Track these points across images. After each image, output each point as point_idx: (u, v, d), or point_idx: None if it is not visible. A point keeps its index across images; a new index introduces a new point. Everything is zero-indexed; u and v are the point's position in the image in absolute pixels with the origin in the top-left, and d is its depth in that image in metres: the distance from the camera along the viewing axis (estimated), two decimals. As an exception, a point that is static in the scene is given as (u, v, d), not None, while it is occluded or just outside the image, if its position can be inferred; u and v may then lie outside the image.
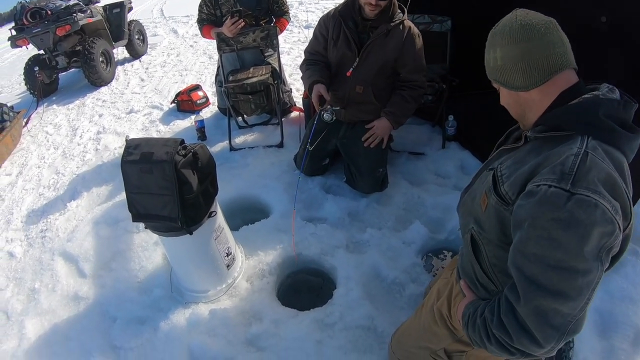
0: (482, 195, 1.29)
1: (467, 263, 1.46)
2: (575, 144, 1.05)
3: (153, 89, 6.18)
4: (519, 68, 1.17)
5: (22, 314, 2.75)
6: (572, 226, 0.97)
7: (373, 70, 2.84)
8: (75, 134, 5.23)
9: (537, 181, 1.04)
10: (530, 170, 1.10)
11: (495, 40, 1.23)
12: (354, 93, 2.91)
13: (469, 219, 1.39)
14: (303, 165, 3.09)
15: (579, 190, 0.97)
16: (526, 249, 1.04)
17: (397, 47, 2.80)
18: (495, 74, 1.26)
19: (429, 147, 3.66)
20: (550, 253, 1.00)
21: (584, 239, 0.97)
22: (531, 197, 1.04)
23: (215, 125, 4.53)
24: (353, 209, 3.12)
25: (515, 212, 1.09)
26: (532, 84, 1.17)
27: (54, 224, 3.52)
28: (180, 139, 2.14)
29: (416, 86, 2.91)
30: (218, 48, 3.84)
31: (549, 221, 0.99)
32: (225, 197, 3.13)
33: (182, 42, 8.41)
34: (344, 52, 2.85)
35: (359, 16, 2.78)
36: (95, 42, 6.75)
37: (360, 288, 2.50)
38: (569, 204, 0.97)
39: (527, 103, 1.23)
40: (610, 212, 0.97)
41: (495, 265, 1.30)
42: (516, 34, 1.16)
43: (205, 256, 2.43)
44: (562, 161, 1.03)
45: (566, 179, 0.99)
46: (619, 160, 1.06)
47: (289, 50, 6.50)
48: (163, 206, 2.10)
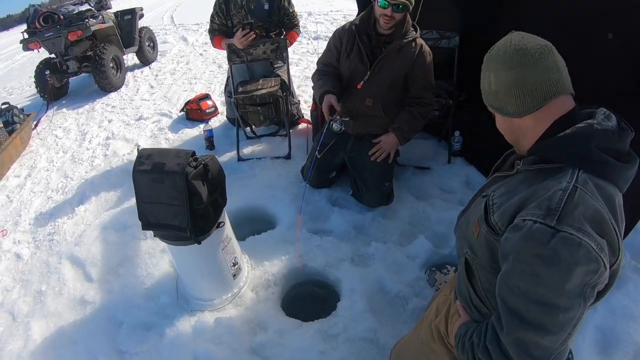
0: (474, 223, 1.29)
1: (462, 285, 1.46)
2: (565, 178, 1.04)
3: (162, 97, 6.23)
4: (513, 94, 1.16)
5: (28, 316, 2.78)
6: (554, 263, 0.97)
7: (384, 84, 2.88)
8: (84, 139, 5.29)
9: (524, 215, 1.04)
10: (519, 203, 1.10)
11: (490, 65, 1.21)
12: (363, 106, 2.95)
13: (464, 243, 1.39)
14: (310, 174, 3.12)
15: (563, 227, 0.97)
16: (510, 281, 1.05)
17: (409, 64, 2.85)
18: (489, 98, 1.25)
19: (435, 162, 3.68)
20: (532, 288, 1.00)
21: (566, 277, 0.97)
22: (517, 231, 1.04)
23: (224, 134, 4.57)
24: (359, 222, 3.15)
25: (502, 244, 1.09)
26: (526, 111, 1.15)
27: (62, 228, 3.56)
28: (191, 151, 2.17)
29: (425, 103, 2.95)
30: (228, 59, 3.88)
31: (533, 257, 0.99)
32: (233, 207, 3.16)
33: (192, 50, 8.46)
34: (356, 65, 2.90)
35: (373, 31, 2.83)
36: (106, 47, 6.83)
37: (364, 301, 2.52)
38: (553, 241, 0.96)
39: (521, 129, 1.21)
40: (594, 250, 0.96)
41: (488, 290, 1.30)
42: (510, 59, 1.14)
43: (212, 265, 2.46)
44: (550, 196, 1.02)
45: (552, 215, 0.98)
46: (610, 194, 1.05)
47: (298, 62, 6.54)
48: (173, 216, 2.13)
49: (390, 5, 2.64)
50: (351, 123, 3.01)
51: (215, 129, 4.53)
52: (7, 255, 3.39)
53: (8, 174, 4.75)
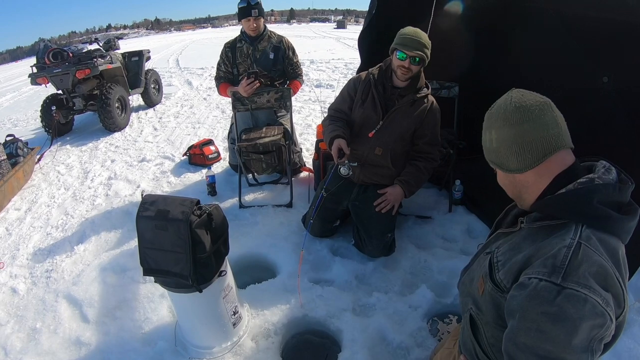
0: (479, 279, 1.30)
1: (467, 339, 1.46)
2: (568, 235, 1.06)
3: (166, 139, 6.30)
4: (513, 150, 1.18)
5: (21, 352, 2.71)
6: (560, 320, 0.97)
7: (394, 135, 2.95)
8: (86, 177, 5.30)
9: (530, 273, 1.05)
10: (523, 261, 1.11)
11: (491, 123, 1.24)
12: (372, 155, 3.00)
13: (468, 300, 1.40)
14: (315, 212, 3.11)
15: (569, 284, 0.98)
16: (517, 338, 1.05)
17: (419, 118, 2.94)
18: (491, 155, 1.27)
19: (436, 210, 3.70)
20: (539, 344, 1.01)
21: (572, 333, 0.97)
22: (523, 289, 1.05)
23: (226, 180, 4.60)
24: (360, 272, 3.13)
25: (508, 302, 1.11)
26: (526, 167, 1.18)
27: (60, 265, 3.53)
28: (196, 200, 2.19)
29: (431, 159, 3.03)
30: (233, 107, 3.95)
31: (539, 314, 1.00)
32: (234, 254, 3.12)
33: (196, 95, 8.59)
34: (369, 113, 2.97)
35: (390, 83, 2.94)
36: (113, 87, 6.94)
37: (366, 352, 2.48)
38: (559, 299, 0.97)
39: (523, 185, 1.23)
40: (600, 305, 0.97)
41: (493, 345, 1.30)
42: (510, 116, 1.17)
43: (212, 314, 2.43)
44: (554, 254, 1.03)
45: (557, 273, 1.00)
46: (613, 247, 1.06)
47: (300, 109, 6.65)
48: (175, 263, 2.13)
49: (408, 58, 2.75)
50: (358, 171, 3.06)
51: (217, 175, 4.57)
52: (3, 288, 3.34)
53: (8, 206, 4.74)
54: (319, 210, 3.23)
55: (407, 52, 2.74)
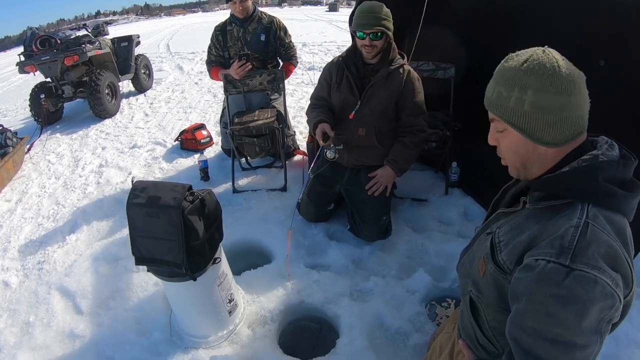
0: (480, 261, 1.25)
1: (467, 323, 1.43)
2: (575, 214, 1.02)
3: (157, 125, 6.22)
4: (551, 121, 1.06)
5: (15, 347, 2.67)
6: (570, 302, 0.94)
7: (375, 112, 2.90)
8: (77, 165, 5.23)
9: (536, 254, 1.01)
10: (528, 240, 1.07)
11: (528, 80, 1.06)
12: (356, 136, 2.95)
13: (468, 282, 1.36)
14: (302, 192, 3.10)
15: (578, 265, 0.94)
16: (524, 322, 1.02)
17: (397, 90, 2.88)
18: (512, 116, 1.10)
19: (432, 193, 3.67)
20: (548, 327, 0.98)
21: (582, 315, 0.94)
22: (529, 271, 1.01)
23: (219, 165, 4.55)
24: (357, 257, 3.10)
25: (513, 285, 1.07)
26: (560, 142, 1.08)
27: (52, 257, 3.48)
28: (188, 185, 2.13)
29: (417, 131, 2.95)
30: (225, 90, 3.90)
31: (547, 297, 0.97)
32: (228, 240, 3.06)
33: (187, 79, 8.51)
34: (347, 95, 2.93)
35: (361, 61, 2.89)
36: (102, 74, 6.85)
37: (364, 337, 2.46)
38: (568, 280, 0.94)
39: (539, 157, 1.13)
40: (610, 286, 0.95)
41: (495, 329, 1.27)
42: (559, 83, 1.03)
43: (207, 302, 2.40)
44: (562, 234, 0.99)
45: (565, 254, 0.96)
46: (620, 225, 1.03)
47: (293, 92, 6.59)
48: (168, 251, 2.08)
49: (367, 36, 2.72)
50: (346, 155, 3.02)
51: (210, 160, 4.52)
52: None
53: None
54: (312, 195, 3.22)
55: (365, 31, 2.71)
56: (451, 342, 1.64)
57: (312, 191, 3.26)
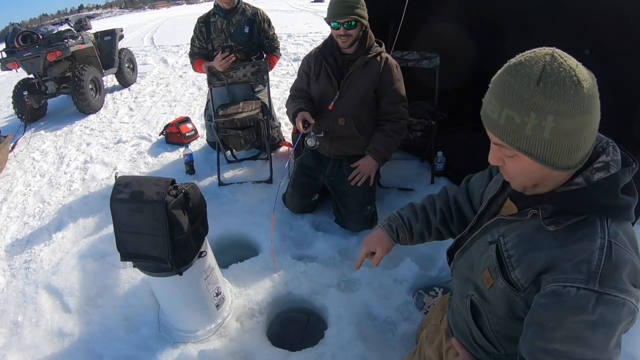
0: (484, 271, 1.20)
1: (461, 323, 1.41)
2: (596, 233, 0.98)
3: (142, 119, 6.17)
4: (574, 145, 0.94)
5: (4, 349, 2.66)
6: (599, 327, 0.94)
7: (354, 102, 2.89)
8: (62, 162, 5.18)
9: (562, 280, 0.97)
10: (547, 261, 1.02)
11: (548, 104, 0.89)
12: (336, 126, 2.95)
13: (468, 286, 1.32)
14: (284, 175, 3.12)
15: (607, 290, 0.93)
16: (549, 346, 1.00)
17: (376, 78, 2.87)
18: (528, 144, 0.95)
19: (418, 182, 3.67)
20: (575, 350, 0.97)
21: (610, 336, 0.95)
22: (556, 297, 0.98)
23: (204, 158, 4.53)
24: (344, 247, 3.11)
25: (537, 310, 1.03)
26: (578, 164, 0.98)
27: (39, 255, 3.45)
28: (171, 179, 2.12)
29: (397, 118, 2.95)
30: (208, 82, 3.87)
31: (577, 323, 0.95)
32: (214, 233, 3.07)
33: (172, 72, 8.43)
34: (325, 86, 2.93)
35: (338, 51, 2.88)
36: (86, 69, 6.76)
37: (352, 328, 2.47)
38: (598, 307, 0.93)
39: (554, 178, 1.03)
40: (634, 304, 0.95)
41: (498, 332, 1.26)
42: (582, 103, 0.89)
43: (194, 296, 2.39)
44: (588, 258, 0.96)
45: (593, 279, 0.94)
46: (633, 235, 1.02)
47: (278, 84, 6.55)
48: (153, 246, 2.07)
49: (341, 26, 2.71)
50: (327, 145, 3.02)
51: (195, 153, 4.49)
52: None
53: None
54: (296, 186, 3.24)
55: (338, 21, 2.70)
56: (439, 336, 1.63)
57: (296, 182, 3.27)
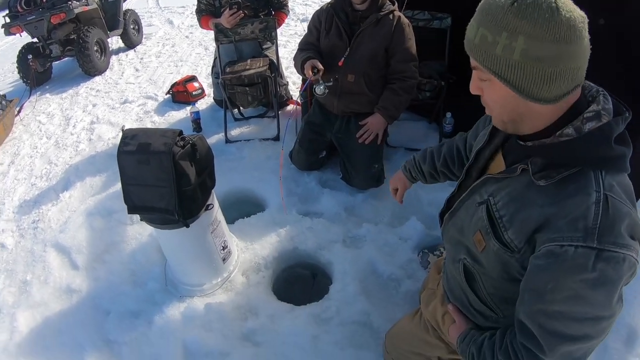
0: (475, 234, 1.16)
1: (456, 288, 1.38)
2: (590, 187, 0.93)
3: (148, 80, 6.09)
4: (546, 74, 0.90)
5: (13, 307, 2.71)
6: (600, 284, 0.91)
7: (364, 59, 2.85)
8: (68, 124, 5.15)
9: (559, 239, 0.93)
10: (541, 220, 0.98)
11: (520, 24, 0.88)
12: (345, 82, 2.91)
13: (459, 249, 1.28)
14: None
15: (606, 246, 0.89)
16: (549, 308, 0.97)
17: (387, 36, 2.82)
18: (498, 65, 0.94)
19: (425, 143, 3.62)
20: (576, 309, 0.95)
21: (612, 293, 0.93)
22: (554, 258, 0.94)
23: (211, 117, 4.49)
24: (349, 204, 3.11)
25: (533, 272, 1.00)
26: (555, 99, 0.93)
27: (47, 215, 3.48)
28: (178, 130, 2.11)
29: (406, 77, 2.90)
30: (216, 39, 3.81)
31: (577, 282, 0.92)
32: (221, 190, 3.10)
33: (178, 33, 8.27)
34: (335, 42, 2.89)
35: (350, 7, 2.82)
36: (90, 31, 6.66)
37: (357, 283, 2.50)
38: (598, 264, 0.89)
39: (530, 113, 0.99)
40: (635, 258, 0.92)
41: (494, 295, 1.22)
42: (558, 30, 0.86)
43: (201, 249, 2.41)
44: (584, 213, 0.92)
45: (591, 235, 0.90)
46: (629, 186, 0.98)
47: (286, 44, 6.42)
48: (160, 198, 2.07)
49: None
50: (336, 102, 2.99)
51: (202, 111, 4.46)
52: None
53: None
54: (303, 142, 3.23)
55: None
56: (435, 300, 1.61)
57: (303, 139, 3.25)
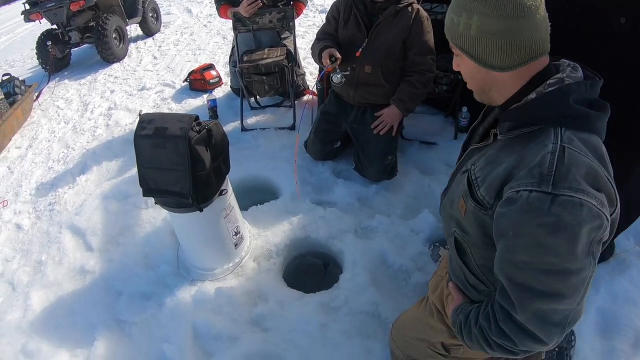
0: (460, 200, 1.22)
1: (455, 265, 1.41)
2: (549, 140, 0.99)
3: (165, 67, 6.13)
4: (498, 46, 1.04)
5: (27, 286, 2.77)
6: (559, 230, 0.92)
7: (381, 50, 2.83)
8: (86, 109, 5.22)
9: (516, 186, 0.98)
10: (505, 173, 1.04)
11: (473, 5, 1.04)
12: (362, 73, 2.90)
13: (451, 223, 1.33)
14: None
15: (561, 191, 0.92)
16: (514, 257, 1.00)
17: (405, 28, 2.80)
18: (462, 41, 1.10)
19: (441, 137, 3.62)
20: (540, 259, 0.96)
21: (573, 240, 0.93)
22: (512, 204, 0.98)
23: (228, 105, 4.51)
24: (363, 195, 3.11)
25: (497, 221, 1.04)
26: (510, 67, 1.06)
27: (63, 198, 3.53)
28: (195, 115, 2.12)
29: (424, 70, 2.88)
30: (234, 28, 3.82)
31: (535, 227, 0.94)
32: (235, 177, 3.11)
33: (196, 22, 8.30)
34: (354, 32, 2.88)
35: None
36: (109, 18, 6.71)
37: (367, 274, 2.50)
38: (553, 207, 0.92)
39: (495, 82, 1.12)
40: (596, 206, 0.92)
41: (483, 266, 1.25)
42: (503, 7, 1.00)
43: (214, 234, 2.43)
44: (539, 162, 0.97)
45: (546, 181, 0.93)
46: (596, 145, 1.01)
47: (304, 34, 6.41)
48: (174, 182, 2.09)
49: None
50: (352, 92, 2.99)
51: (219, 99, 4.48)
52: (8, 225, 3.37)
53: (9, 145, 4.71)
54: (318, 132, 3.23)
55: None
56: (441, 285, 1.64)
57: (318, 128, 3.26)
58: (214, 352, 2.26)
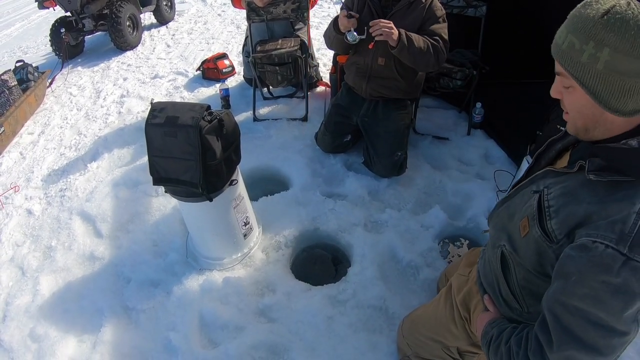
0: (523, 219, 1.17)
1: (490, 274, 1.39)
2: (637, 198, 0.93)
3: (179, 56, 6.13)
4: (626, 88, 0.92)
5: (37, 271, 2.78)
6: (621, 292, 0.90)
7: None
8: (99, 97, 5.22)
9: (594, 235, 0.94)
10: (584, 215, 0.99)
11: (606, 36, 0.90)
12: (376, 65, 2.88)
13: (502, 235, 1.29)
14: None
15: (635, 256, 0.89)
16: (569, 301, 0.97)
17: (419, 20, 2.77)
18: (582, 72, 0.96)
19: (454, 132, 3.59)
20: (593, 311, 0.94)
21: (628, 305, 0.92)
22: (584, 251, 0.94)
23: (240, 94, 4.50)
24: (373, 188, 3.09)
25: (563, 262, 1.00)
26: (631, 112, 0.95)
27: (74, 184, 3.54)
28: (206, 105, 2.11)
29: (438, 41, 2.75)
30: (247, 17, 3.80)
31: (599, 283, 0.92)
32: (246, 167, 3.12)
33: (210, 11, 8.29)
34: (367, 24, 2.81)
35: None
36: (123, 6, 6.70)
37: (375, 268, 2.49)
38: (623, 271, 0.89)
39: (605, 122, 1.00)
40: None
41: (524, 287, 1.23)
42: None
43: (223, 224, 2.43)
44: (623, 219, 0.92)
45: (624, 241, 0.90)
46: None
47: (318, 25, 6.39)
48: (185, 171, 2.09)
49: None
50: (364, 85, 2.97)
51: (231, 89, 4.45)
52: (19, 211, 3.39)
53: (22, 131, 4.72)
54: (329, 125, 3.21)
55: None
56: (468, 287, 1.62)
57: (329, 121, 3.24)
58: (220, 341, 2.26)
